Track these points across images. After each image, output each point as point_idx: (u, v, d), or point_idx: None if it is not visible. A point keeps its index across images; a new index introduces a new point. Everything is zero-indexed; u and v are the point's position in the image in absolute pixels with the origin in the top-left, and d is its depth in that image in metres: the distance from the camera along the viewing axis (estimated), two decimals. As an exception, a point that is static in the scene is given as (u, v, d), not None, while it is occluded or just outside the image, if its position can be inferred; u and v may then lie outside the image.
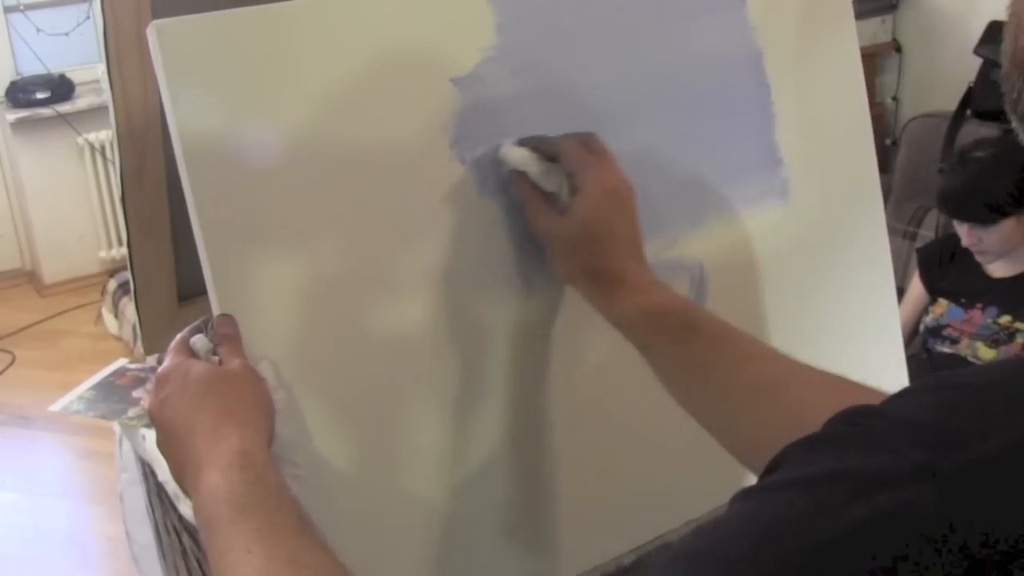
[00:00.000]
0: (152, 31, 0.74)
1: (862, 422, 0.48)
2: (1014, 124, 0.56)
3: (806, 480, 0.47)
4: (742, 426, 0.78)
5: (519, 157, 0.85)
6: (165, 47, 0.74)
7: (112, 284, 3.58)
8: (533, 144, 0.86)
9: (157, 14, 0.83)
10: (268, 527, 0.63)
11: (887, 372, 1.23)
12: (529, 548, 0.95)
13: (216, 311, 0.78)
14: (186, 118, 0.75)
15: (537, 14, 0.89)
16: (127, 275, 1.09)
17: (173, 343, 0.78)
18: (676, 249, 1.00)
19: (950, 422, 0.46)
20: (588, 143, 0.84)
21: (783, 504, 0.47)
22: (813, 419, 0.70)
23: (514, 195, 0.86)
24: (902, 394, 0.50)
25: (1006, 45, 0.55)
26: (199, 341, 0.78)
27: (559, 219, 0.82)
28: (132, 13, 0.91)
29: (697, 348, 0.79)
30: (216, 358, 0.76)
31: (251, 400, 0.73)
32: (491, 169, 0.88)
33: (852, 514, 0.44)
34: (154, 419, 0.73)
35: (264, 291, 0.79)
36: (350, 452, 0.84)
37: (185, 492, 0.71)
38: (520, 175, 0.85)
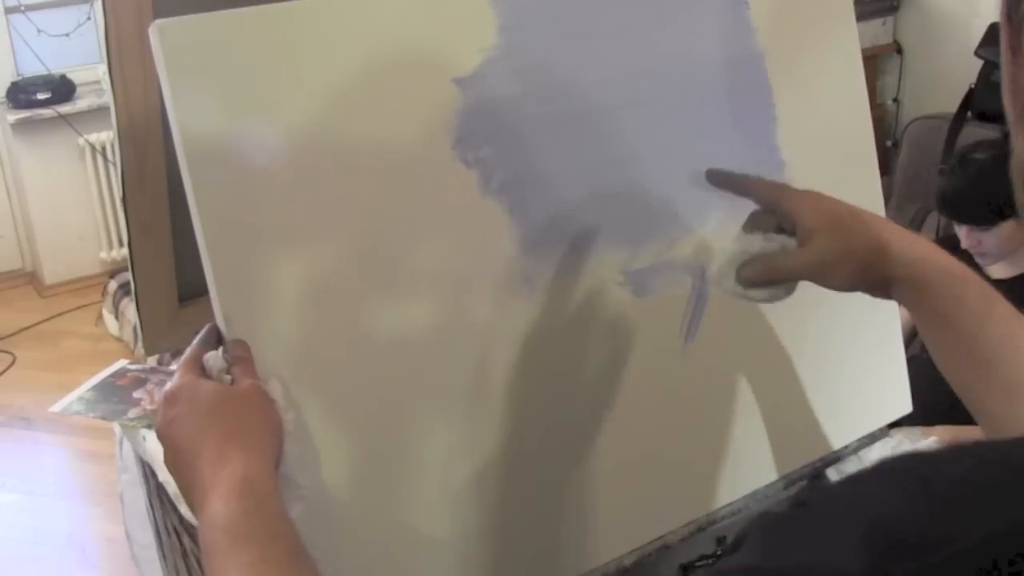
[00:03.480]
0: (154, 31, 0.74)
1: (822, 506, 0.48)
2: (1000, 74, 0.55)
3: (763, 573, 0.47)
4: (969, 391, 0.79)
5: (738, 248, 0.83)
6: (167, 47, 0.74)
7: (112, 285, 3.58)
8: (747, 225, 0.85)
9: (159, 14, 0.83)
10: (261, 562, 0.64)
11: (888, 373, 1.23)
12: (530, 550, 0.95)
13: (218, 312, 0.78)
14: (187, 118, 0.75)
15: (539, 15, 0.89)
16: (128, 276, 1.09)
17: (184, 358, 0.77)
18: (677, 251, 1.00)
19: (907, 522, 0.45)
20: (773, 183, 0.85)
21: None
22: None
23: (750, 281, 0.83)
24: (867, 478, 0.49)
25: None
26: (212, 358, 0.77)
27: (799, 261, 0.82)
28: (133, 13, 0.91)
29: (929, 305, 0.80)
30: (228, 377, 0.76)
31: (258, 422, 0.73)
32: (493, 169, 0.88)
33: None
34: (162, 438, 0.73)
35: (266, 291, 0.79)
36: (356, 468, 0.84)
37: (193, 512, 0.71)
38: (747, 262, 0.83)
